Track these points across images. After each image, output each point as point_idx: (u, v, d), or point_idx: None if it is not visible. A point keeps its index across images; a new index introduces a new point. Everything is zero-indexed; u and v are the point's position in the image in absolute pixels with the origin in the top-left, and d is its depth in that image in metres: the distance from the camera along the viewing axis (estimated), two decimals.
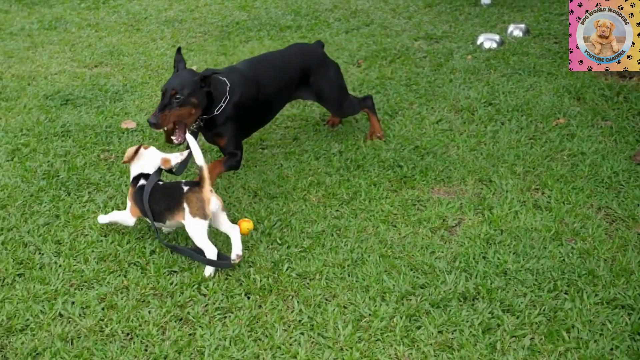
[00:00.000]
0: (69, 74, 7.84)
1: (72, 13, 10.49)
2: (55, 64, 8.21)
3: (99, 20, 10.11)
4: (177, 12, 10.37)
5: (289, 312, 3.99)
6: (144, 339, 3.79)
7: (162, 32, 9.43)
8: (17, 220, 4.89)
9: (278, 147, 5.92)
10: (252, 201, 5.11)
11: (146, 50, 8.60)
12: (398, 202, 5.05)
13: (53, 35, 9.40)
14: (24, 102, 6.99)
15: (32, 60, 8.36)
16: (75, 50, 8.72)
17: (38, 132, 6.25)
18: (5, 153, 5.87)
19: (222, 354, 3.68)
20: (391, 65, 7.71)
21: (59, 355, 3.68)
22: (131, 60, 8.24)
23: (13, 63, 8.24)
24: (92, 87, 7.33)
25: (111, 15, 10.31)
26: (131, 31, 9.54)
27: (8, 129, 6.33)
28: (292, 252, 4.50)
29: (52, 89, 7.32)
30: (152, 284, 4.22)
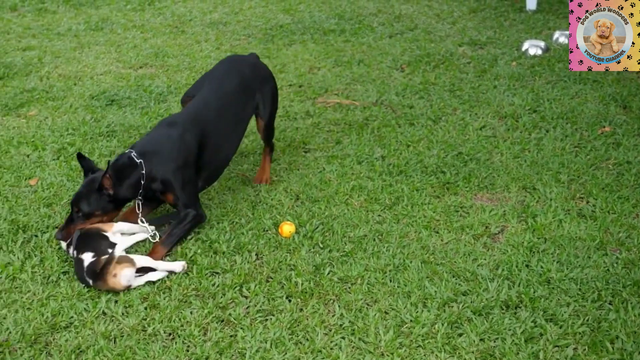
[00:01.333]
0: (115, 74, 7.92)
1: (118, 14, 10.60)
2: (101, 64, 8.30)
3: (144, 21, 10.20)
4: (222, 15, 10.42)
5: (330, 316, 3.98)
6: (185, 339, 3.81)
7: (206, 34, 9.49)
8: (62, 218, 4.93)
9: (320, 150, 5.92)
10: (294, 204, 5.12)
11: (190, 52, 8.66)
12: (440, 208, 5.02)
13: (99, 36, 9.51)
14: (70, 102, 7.07)
15: (78, 60, 8.46)
16: (121, 51, 8.81)
17: (83, 131, 6.32)
18: (52, 152, 5.94)
19: (263, 357, 3.69)
20: (435, 71, 7.69)
21: (102, 353, 3.71)
22: (176, 62, 8.30)
23: (60, 63, 8.34)
24: (137, 88, 7.40)
25: (156, 17, 10.40)
26: (176, 33, 9.61)
27: (54, 128, 6.41)
28: (334, 256, 4.50)
29: (97, 89, 7.40)
30: (194, 284, 4.24)
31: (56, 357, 3.68)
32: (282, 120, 6.55)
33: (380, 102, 6.89)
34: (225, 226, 4.83)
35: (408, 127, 6.27)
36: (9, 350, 3.71)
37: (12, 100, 7.11)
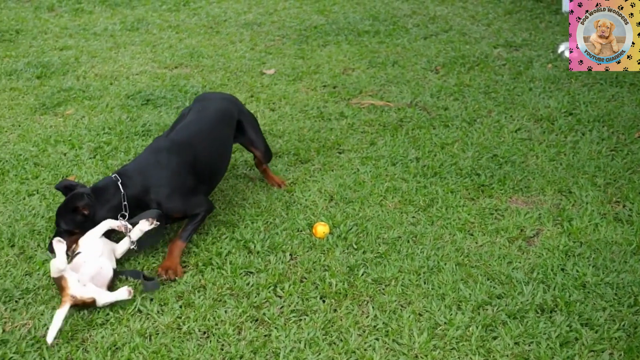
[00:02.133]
0: (150, 74, 7.98)
1: (153, 15, 10.67)
2: (137, 64, 8.36)
3: (179, 22, 10.26)
4: (256, 15, 10.46)
5: (364, 317, 3.98)
6: (220, 338, 3.83)
7: (241, 34, 9.53)
8: None
9: (355, 151, 5.92)
10: (328, 205, 5.13)
11: (225, 53, 8.70)
12: (475, 211, 5.01)
13: (135, 36, 9.58)
14: (107, 101, 7.13)
15: (114, 60, 8.53)
16: (156, 51, 8.87)
17: (119, 130, 6.37)
18: (88, 151, 6.00)
19: (297, 357, 3.70)
20: (470, 73, 7.66)
21: (137, 350, 3.74)
22: (210, 62, 8.34)
23: (96, 63, 8.41)
24: (172, 88, 7.44)
25: (191, 18, 10.46)
26: (211, 33, 9.66)
27: (91, 127, 6.47)
28: (368, 257, 4.50)
29: (133, 89, 7.46)
30: (229, 284, 4.26)
31: (92, 353, 3.72)
32: (316, 121, 6.56)
33: (414, 104, 6.87)
34: (259, 226, 4.85)
35: (443, 129, 6.26)
36: (46, 345, 3.75)
37: (49, 99, 7.19)
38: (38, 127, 6.56)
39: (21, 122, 6.69)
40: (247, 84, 7.60)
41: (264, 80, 7.71)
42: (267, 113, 6.79)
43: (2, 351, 3.70)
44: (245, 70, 8.03)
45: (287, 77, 7.74)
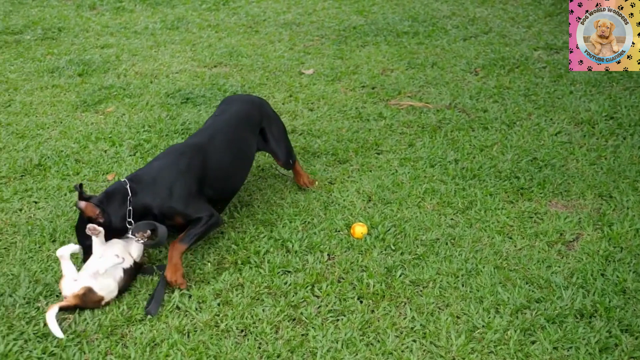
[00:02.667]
0: (190, 73, 8.03)
1: (193, 14, 10.74)
2: (177, 63, 8.42)
3: (219, 21, 10.31)
4: (295, 15, 10.48)
5: (401, 319, 3.98)
6: (257, 336, 3.85)
7: (280, 34, 9.55)
8: None
9: (393, 152, 5.91)
10: (366, 206, 5.12)
11: (264, 52, 8.73)
12: (514, 214, 4.98)
13: (175, 34, 9.64)
14: (147, 99, 7.19)
15: (154, 58, 8.59)
16: (196, 50, 8.92)
17: (159, 128, 6.42)
18: (128, 148, 6.05)
19: (334, 357, 3.70)
20: (509, 75, 7.62)
21: (175, 347, 3.76)
22: (249, 62, 8.37)
23: (137, 61, 8.48)
24: (212, 87, 7.48)
25: (231, 17, 10.50)
26: (250, 33, 9.70)
27: (131, 125, 6.52)
28: (406, 258, 4.49)
29: (173, 87, 7.51)
30: (267, 282, 4.28)
31: (131, 349, 3.75)
32: (355, 121, 6.56)
33: (453, 105, 6.85)
34: (297, 225, 4.86)
35: (482, 131, 6.23)
36: (86, 340, 3.79)
37: (90, 96, 7.26)
38: (79, 124, 6.63)
39: (63, 119, 6.76)
40: (286, 83, 7.62)
41: (303, 80, 7.73)
42: (305, 113, 6.80)
43: (43, 345, 3.74)
44: (284, 70, 8.05)
45: (326, 77, 7.75)
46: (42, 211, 5.11)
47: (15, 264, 4.48)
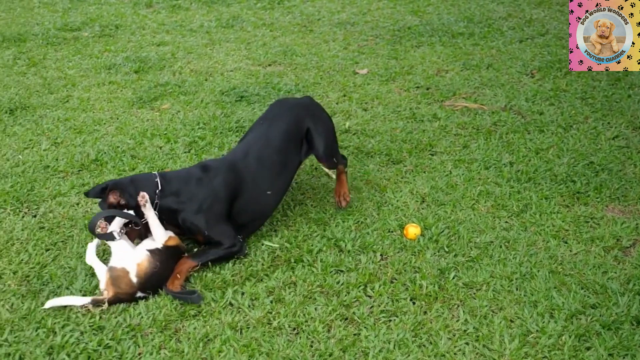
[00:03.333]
0: (244, 71, 8.07)
1: (248, 12, 10.80)
2: (231, 61, 8.47)
3: (273, 20, 10.35)
4: (350, 15, 10.48)
5: (454, 321, 3.95)
6: (310, 335, 3.85)
7: (334, 34, 9.56)
8: None
9: (447, 154, 5.88)
10: (419, 207, 5.10)
11: (318, 52, 8.74)
12: (570, 218, 4.91)
13: (230, 33, 9.70)
14: (202, 97, 7.24)
15: (209, 56, 8.66)
16: (250, 48, 8.97)
17: (214, 126, 6.46)
18: (183, 145, 6.10)
19: (386, 357, 3.69)
20: (566, 77, 7.53)
21: (228, 343, 3.78)
22: (304, 61, 8.39)
23: (192, 59, 8.56)
24: (266, 85, 7.51)
25: (285, 16, 10.54)
26: (304, 32, 9.72)
27: (186, 122, 6.58)
28: (459, 260, 4.46)
29: (227, 86, 7.56)
30: (319, 281, 4.28)
31: (185, 343, 3.78)
32: (409, 121, 6.54)
33: (509, 107, 6.79)
34: (350, 225, 4.85)
35: (537, 134, 6.16)
36: (141, 334, 3.83)
37: (146, 93, 7.34)
38: (135, 120, 6.70)
39: (119, 115, 6.85)
40: (340, 83, 7.62)
41: (357, 79, 7.72)
42: (359, 113, 6.79)
43: (99, 337, 3.79)
44: (338, 70, 8.05)
45: (380, 77, 7.74)
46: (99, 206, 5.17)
47: (72, 257, 4.55)
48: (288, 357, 3.69)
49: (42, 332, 3.84)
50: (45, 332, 3.84)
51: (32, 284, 4.27)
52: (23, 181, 5.49)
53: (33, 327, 3.88)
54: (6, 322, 3.92)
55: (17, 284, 4.27)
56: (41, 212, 5.08)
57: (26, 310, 4.02)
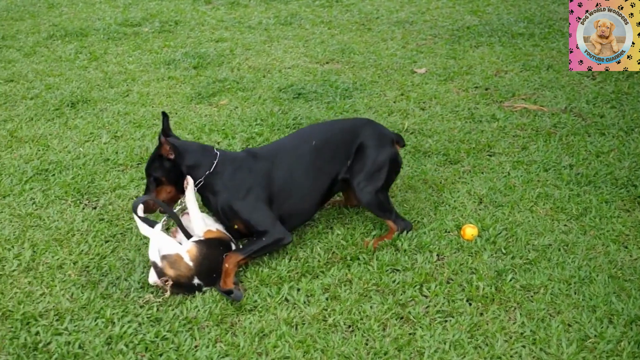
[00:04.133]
0: (302, 68, 8.09)
1: (306, 10, 10.82)
2: (289, 58, 8.50)
3: (331, 18, 10.36)
4: (408, 14, 10.45)
5: (511, 324, 3.91)
6: (365, 332, 3.85)
7: (392, 32, 9.54)
8: None
9: (506, 155, 5.83)
10: (477, 207, 5.06)
11: (376, 50, 8.73)
12: (631, 223, 4.83)
13: (288, 30, 9.74)
14: (259, 93, 7.28)
15: (267, 53, 8.69)
16: (309, 46, 8.99)
17: (271, 122, 6.49)
18: (241, 140, 6.14)
19: (442, 357, 3.67)
20: (629, 80, 7.40)
21: (283, 338, 3.80)
22: (361, 59, 8.39)
23: (250, 55, 8.60)
24: (323, 83, 7.52)
25: (343, 14, 10.54)
26: (362, 30, 9.71)
27: (244, 118, 6.62)
28: (517, 263, 4.42)
29: (285, 82, 7.58)
30: (375, 280, 4.27)
31: (240, 337, 3.80)
32: (467, 122, 6.49)
33: (569, 110, 6.70)
34: None
35: (598, 137, 6.07)
36: (197, 327, 3.87)
37: (205, 89, 7.40)
38: (194, 115, 6.76)
39: (178, 110, 6.91)
40: (398, 82, 7.60)
41: (415, 79, 7.69)
42: (417, 112, 6.76)
43: (156, 329, 3.83)
44: (396, 69, 8.03)
45: (438, 77, 7.70)
46: None
47: (131, 249, 4.60)
48: (343, 355, 3.69)
49: (101, 322, 3.90)
50: (104, 322, 3.90)
51: (92, 275, 4.34)
52: (84, 173, 5.58)
53: (92, 317, 3.94)
54: (66, 311, 3.99)
55: (77, 274, 4.34)
56: (101, 204, 5.16)
57: (86, 300, 4.09)
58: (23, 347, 3.72)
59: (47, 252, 4.57)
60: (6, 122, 6.65)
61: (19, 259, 4.50)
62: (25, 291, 4.18)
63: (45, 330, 3.84)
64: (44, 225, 4.89)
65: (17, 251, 4.58)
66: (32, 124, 6.60)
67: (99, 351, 3.69)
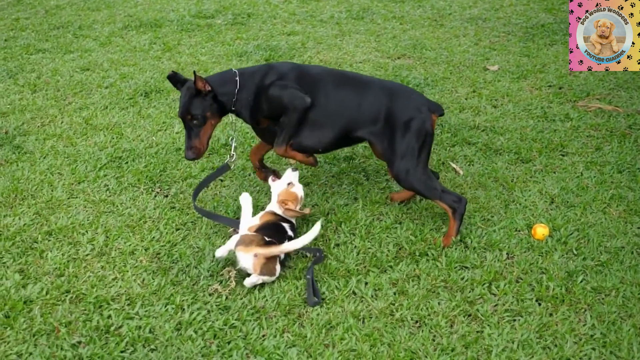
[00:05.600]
0: (373, 63, 8.08)
1: (378, 5, 10.81)
2: (361, 52, 8.50)
3: (404, 13, 10.33)
4: (481, 10, 10.35)
5: (581, 325, 3.86)
6: (432, 328, 3.83)
7: (465, 29, 9.47)
8: (319, 198, 5.11)
9: (579, 155, 5.74)
10: (548, 207, 5.00)
11: (448, 46, 8.68)
12: None
13: (360, 25, 9.73)
14: None
15: (339, 47, 8.71)
16: (380, 40, 8.97)
17: None
18: None
19: (509, 356, 3.64)
20: None
21: (350, 331, 3.81)
22: (433, 55, 8.34)
23: (321, 49, 8.62)
24: (394, 78, 7.50)
25: (416, 9, 10.50)
26: (434, 26, 9.66)
27: None
28: (588, 264, 4.35)
29: None
30: (443, 276, 4.25)
31: (308, 329, 3.82)
32: (540, 120, 6.41)
33: None
34: (476, 221, 4.80)
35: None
36: (265, 316, 3.90)
37: None
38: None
39: None
40: (470, 78, 7.54)
41: (487, 76, 7.63)
42: (488, 109, 6.70)
43: (224, 317, 3.88)
44: (468, 65, 7.97)
45: (511, 75, 7.62)
46: (227, 189, 5.29)
47: (201, 237, 4.66)
48: (410, 350, 3.68)
49: (170, 308, 3.96)
50: (174, 309, 3.96)
51: (163, 262, 4.41)
52: (156, 162, 5.67)
53: (162, 303, 4.01)
54: (137, 296, 4.06)
55: (149, 261, 4.41)
56: (172, 192, 5.23)
57: (156, 286, 4.16)
58: (95, 330, 3.80)
59: (119, 238, 4.66)
60: (82, 110, 6.79)
61: (93, 243, 4.59)
62: (98, 275, 4.27)
63: (117, 314, 3.91)
64: (117, 211, 4.99)
65: (91, 236, 4.68)
66: (106, 112, 6.73)
67: (168, 336, 3.75)
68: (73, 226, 4.78)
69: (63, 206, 5.04)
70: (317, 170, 5.50)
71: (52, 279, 4.22)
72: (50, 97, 7.14)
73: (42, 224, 4.82)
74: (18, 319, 3.86)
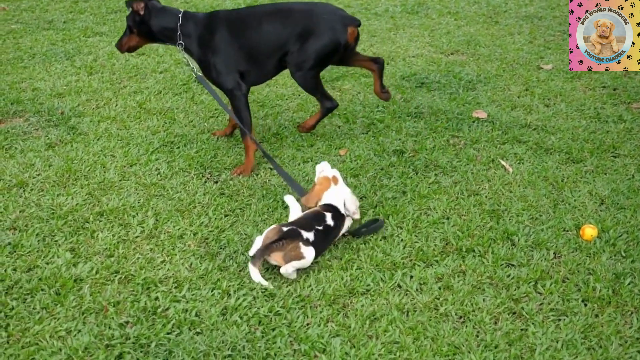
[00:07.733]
0: (426, 58, 8.07)
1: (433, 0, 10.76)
2: (414, 47, 8.48)
3: (459, 9, 10.28)
4: (537, 9, 10.27)
5: (627, 328, 3.83)
6: (476, 324, 3.83)
7: (520, 27, 9.40)
8: (367, 190, 5.13)
9: (631, 157, 5.68)
10: (598, 208, 4.96)
11: (503, 43, 8.62)
12: None
13: (414, 19, 9.72)
14: None
15: (392, 41, 8.70)
16: (434, 35, 8.95)
17: (392, 110, 6.51)
18: (361, 126, 6.18)
19: (553, 356, 3.63)
20: None
21: (394, 323, 3.82)
22: (487, 52, 8.30)
23: (375, 42, 8.63)
24: (447, 74, 7.48)
25: (471, 6, 10.45)
26: (489, 23, 9.61)
27: (365, 104, 6.66)
28: (636, 267, 4.31)
29: (408, 71, 7.58)
30: (489, 273, 4.25)
31: (352, 319, 3.85)
32: (592, 121, 6.36)
33: None
34: (524, 220, 4.78)
35: None
36: (310, 305, 3.93)
37: (328, 73, 7.46)
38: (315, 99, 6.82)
39: (301, 92, 7.00)
40: (523, 77, 7.49)
41: (541, 75, 7.57)
42: (541, 108, 6.66)
43: (270, 304, 3.92)
44: (522, 63, 7.92)
45: (565, 74, 7.55)
46: (276, 178, 5.33)
47: (249, 224, 4.71)
48: (453, 344, 3.69)
49: (217, 293, 4.01)
50: (220, 293, 4.01)
51: (210, 247, 4.46)
52: (207, 148, 5.73)
53: (209, 287, 4.06)
54: (185, 280, 4.12)
55: (197, 245, 4.47)
56: (222, 179, 5.29)
57: (203, 270, 4.21)
58: (143, 311, 3.87)
59: (169, 222, 4.72)
60: (136, 94, 6.89)
61: (142, 226, 4.67)
62: (147, 257, 4.34)
63: (164, 296, 3.98)
64: (167, 195, 5.06)
65: (141, 219, 4.75)
66: (160, 97, 6.82)
67: (214, 320, 3.80)
68: (124, 208, 4.86)
69: (115, 188, 5.13)
70: (365, 164, 5.52)
71: (102, 259, 4.31)
72: (105, 80, 7.26)
73: (94, 204, 4.91)
74: (68, 297, 3.94)
